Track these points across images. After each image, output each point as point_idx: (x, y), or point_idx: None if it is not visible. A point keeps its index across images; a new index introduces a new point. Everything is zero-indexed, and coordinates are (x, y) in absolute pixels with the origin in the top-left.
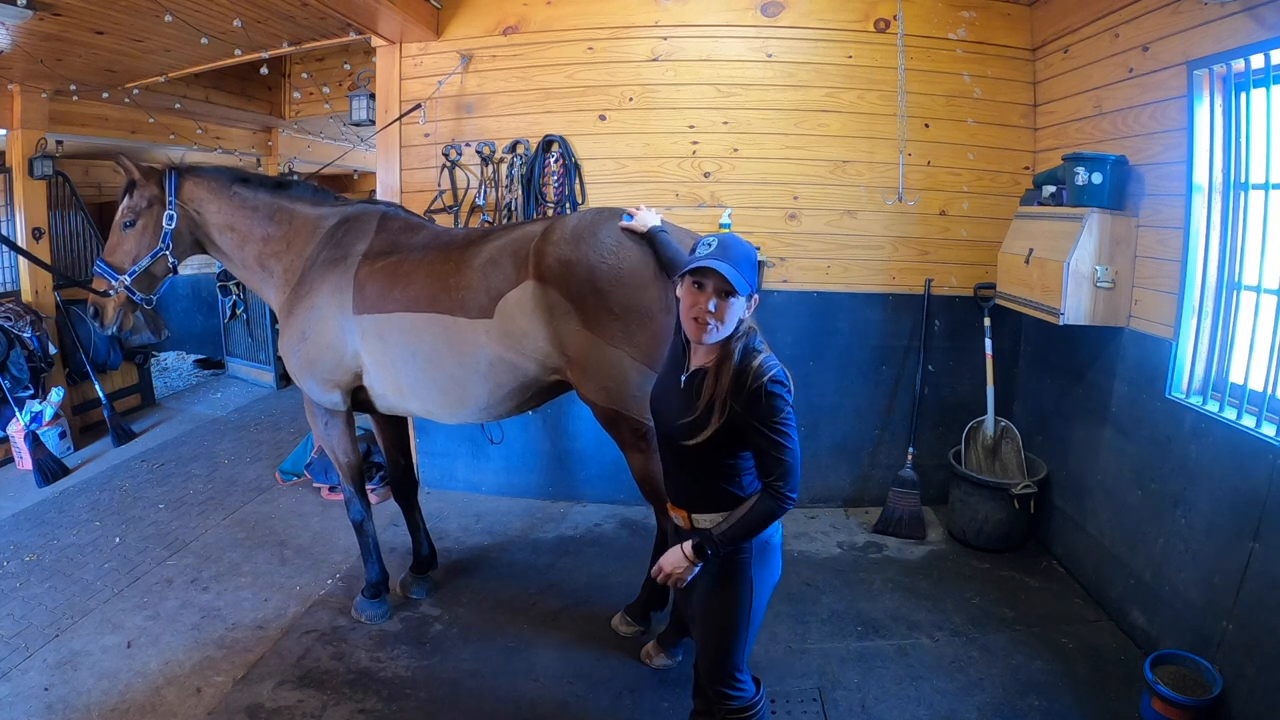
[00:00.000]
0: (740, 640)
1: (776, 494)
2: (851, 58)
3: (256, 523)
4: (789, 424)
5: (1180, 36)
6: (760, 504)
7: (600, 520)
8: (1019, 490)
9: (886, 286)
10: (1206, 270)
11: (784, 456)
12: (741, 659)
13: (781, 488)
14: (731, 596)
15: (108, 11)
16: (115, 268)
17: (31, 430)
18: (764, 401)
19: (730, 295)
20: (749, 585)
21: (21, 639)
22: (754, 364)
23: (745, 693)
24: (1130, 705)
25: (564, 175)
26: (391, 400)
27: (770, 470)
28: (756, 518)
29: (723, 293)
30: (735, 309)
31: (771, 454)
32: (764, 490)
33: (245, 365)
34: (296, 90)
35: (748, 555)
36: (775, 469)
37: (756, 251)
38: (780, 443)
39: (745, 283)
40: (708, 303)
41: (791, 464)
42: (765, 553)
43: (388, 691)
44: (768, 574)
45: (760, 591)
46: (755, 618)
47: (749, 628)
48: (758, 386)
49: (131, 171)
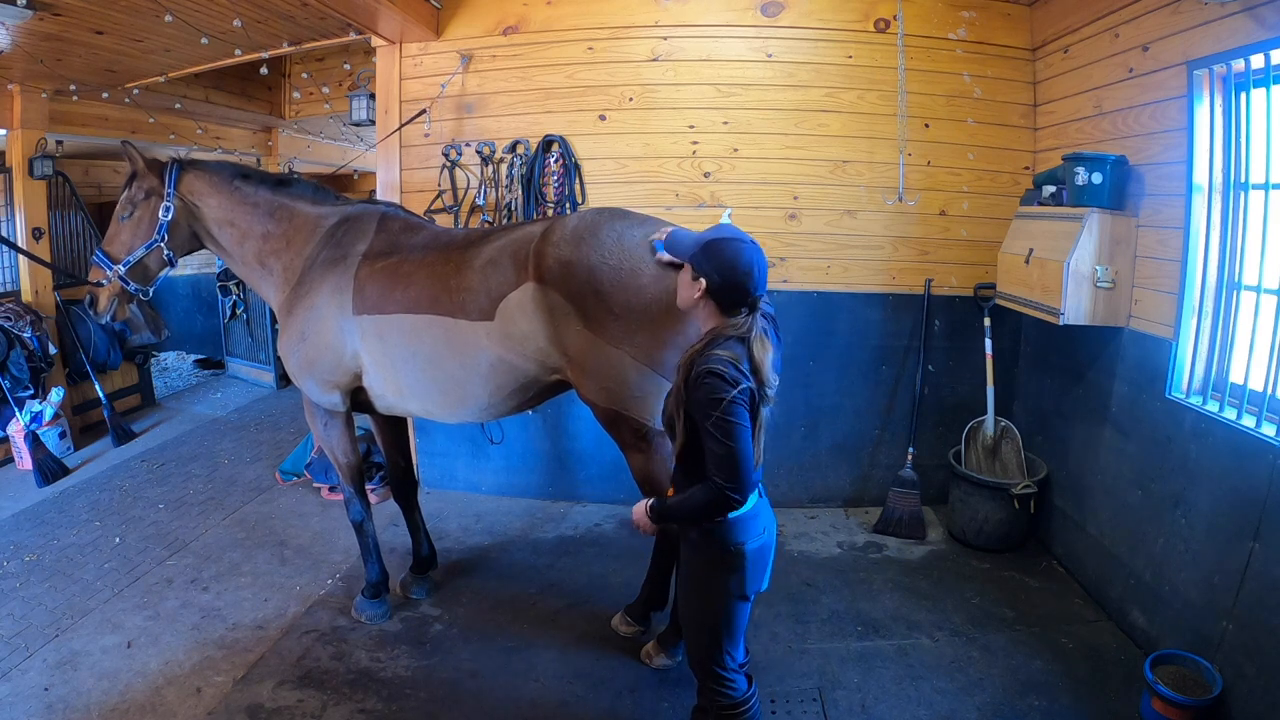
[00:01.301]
0: (714, 642)
1: (714, 486)
2: (851, 58)
3: (256, 523)
4: (728, 416)
5: (1180, 36)
6: (700, 490)
7: (600, 520)
8: (1019, 490)
9: (886, 286)
10: (1206, 270)
11: (717, 449)
12: (721, 659)
13: (719, 481)
14: (699, 602)
15: (108, 11)
16: (111, 257)
17: (31, 430)
18: (701, 393)
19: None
20: (716, 590)
21: (21, 639)
22: (704, 356)
23: (734, 690)
24: (1130, 705)
25: (564, 175)
26: (391, 400)
27: (710, 462)
28: (694, 502)
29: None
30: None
31: (708, 445)
32: (706, 479)
33: (245, 365)
34: (296, 90)
35: (716, 561)
36: (713, 460)
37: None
38: (712, 432)
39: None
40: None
41: (727, 457)
42: (732, 559)
43: (388, 691)
44: (736, 580)
45: (727, 597)
46: (732, 621)
47: (721, 631)
48: (698, 376)
49: (136, 160)
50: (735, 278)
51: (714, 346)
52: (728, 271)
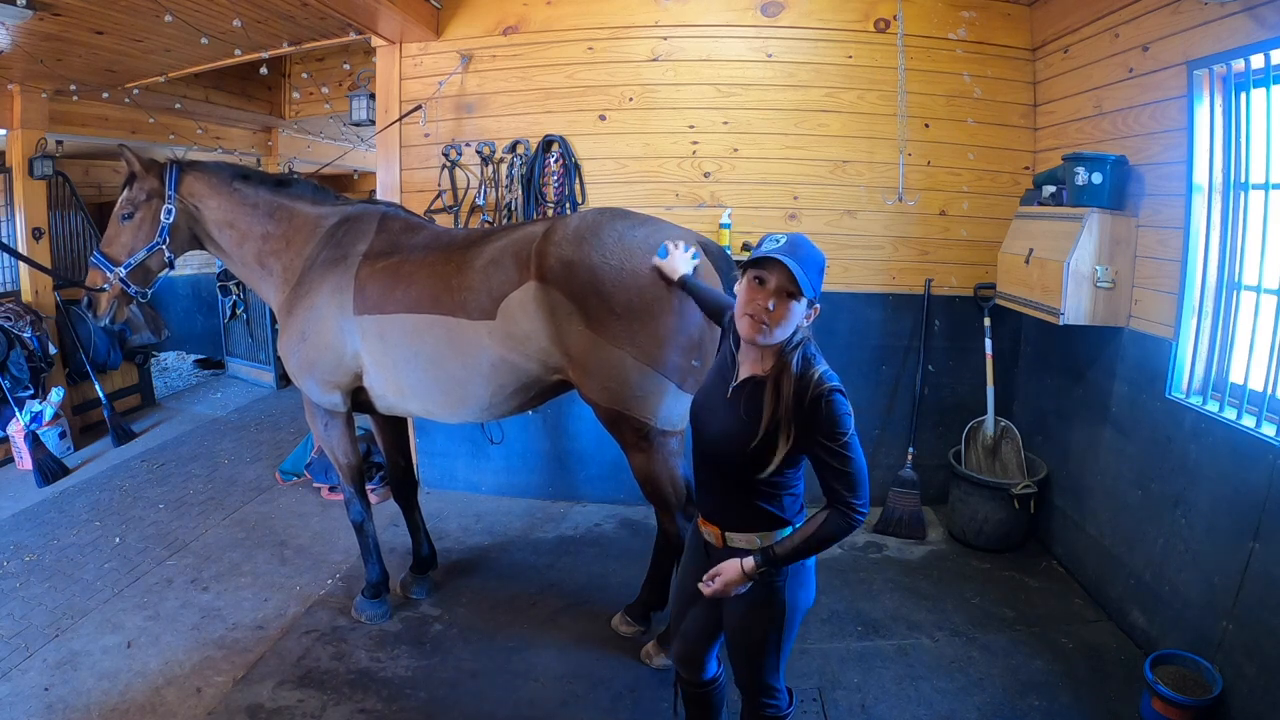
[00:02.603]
0: (773, 658)
1: (848, 509)
2: (851, 58)
3: (256, 523)
4: (853, 435)
5: (1180, 36)
6: (830, 521)
7: (600, 520)
8: (1019, 490)
9: (886, 286)
10: (1206, 270)
11: (850, 469)
12: (776, 674)
13: (853, 502)
14: (765, 616)
15: (108, 11)
16: (111, 259)
17: (31, 430)
18: (826, 412)
19: (792, 297)
20: (783, 607)
21: (21, 639)
22: (813, 374)
23: (780, 704)
24: (1130, 705)
25: (564, 175)
26: (391, 400)
27: (837, 486)
28: (825, 536)
29: (784, 292)
30: (795, 313)
31: (837, 467)
32: (832, 507)
33: (245, 365)
34: (296, 90)
35: (783, 578)
36: (843, 483)
37: (826, 259)
38: (846, 455)
39: (810, 286)
40: (767, 300)
41: (859, 476)
42: (801, 574)
43: (388, 691)
44: (804, 595)
45: (795, 613)
46: (789, 637)
47: (783, 647)
48: (818, 397)
49: (133, 163)
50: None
51: (814, 358)
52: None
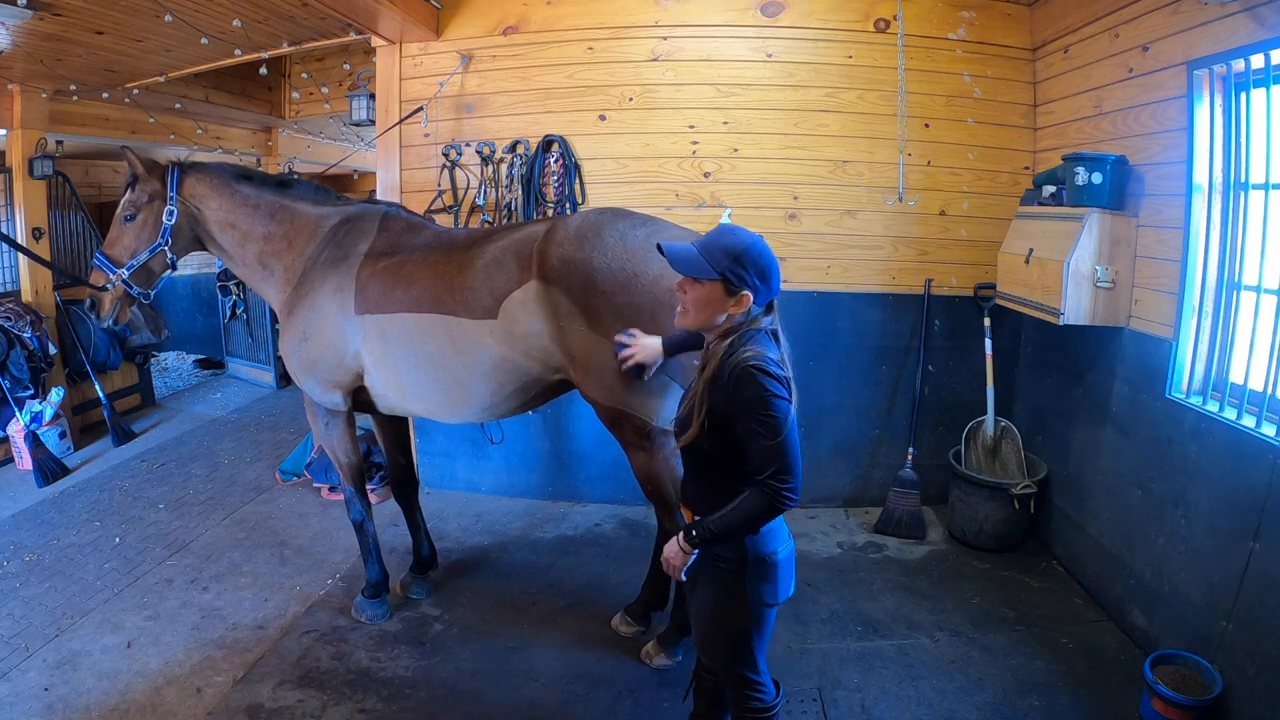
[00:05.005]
0: (742, 651)
1: (768, 489)
2: (851, 58)
3: (256, 523)
4: (776, 411)
5: (1180, 36)
6: (750, 499)
7: (600, 520)
8: (1019, 490)
9: (886, 286)
10: (1206, 270)
11: (769, 445)
12: (753, 667)
13: (775, 482)
14: (728, 610)
15: (108, 11)
16: (114, 261)
17: (31, 430)
18: (744, 387)
19: (696, 281)
20: (745, 599)
21: (21, 639)
22: (742, 355)
23: (764, 695)
24: (1130, 705)
25: (564, 175)
26: (393, 400)
27: (758, 461)
28: (745, 513)
29: (683, 278)
30: (706, 297)
31: (755, 444)
32: (755, 484)
33: (245, 365)
34: (296, 90)
35: (745, 569)
36: (762, 460)
37: (754, 245)
38: (762, 430)
39: (704, 268)
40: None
41: (780, 453)
42: (764, 568)
43: (388, 691)
44: (768, 589)
45: (759, 606)
46: (759, 631)
47: (751, 640)
48: (738, 373)
49: (135, 165)
50: (773, 280)
51: (748, 343)
52: (769, 275)
